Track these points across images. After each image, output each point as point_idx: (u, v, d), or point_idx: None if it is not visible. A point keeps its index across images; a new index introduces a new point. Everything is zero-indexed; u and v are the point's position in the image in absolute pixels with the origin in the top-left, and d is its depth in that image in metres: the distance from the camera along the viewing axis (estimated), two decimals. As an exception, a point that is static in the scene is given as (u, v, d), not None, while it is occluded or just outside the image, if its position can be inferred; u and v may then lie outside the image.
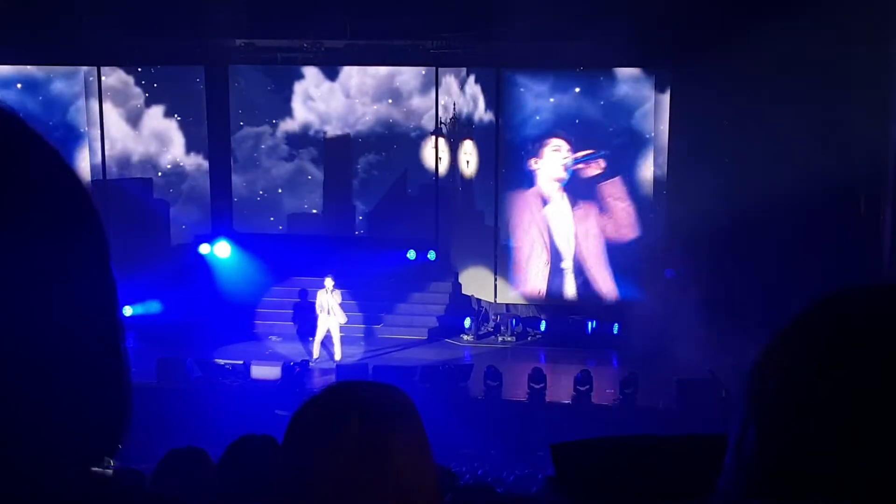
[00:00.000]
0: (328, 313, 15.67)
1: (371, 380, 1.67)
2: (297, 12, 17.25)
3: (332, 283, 15.80)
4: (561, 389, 14.07)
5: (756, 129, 15.25)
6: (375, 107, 18.95)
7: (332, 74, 19.08)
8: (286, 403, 11.97)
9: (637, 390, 13.68)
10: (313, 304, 16.04)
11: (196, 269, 18.32)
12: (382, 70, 18.69)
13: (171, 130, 19.11)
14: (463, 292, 18.64)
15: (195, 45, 18.25)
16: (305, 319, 16.79)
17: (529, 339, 17.35)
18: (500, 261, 17.92)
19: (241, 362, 14.81)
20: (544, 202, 17.43)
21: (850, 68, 14.23)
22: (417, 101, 18.79)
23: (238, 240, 19.12)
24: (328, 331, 15.76)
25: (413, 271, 18.59)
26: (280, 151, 19.47)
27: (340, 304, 15.79)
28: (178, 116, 19.09)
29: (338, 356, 15.76)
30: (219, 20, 17.59)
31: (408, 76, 18.76)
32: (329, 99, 19.15)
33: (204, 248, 18.84)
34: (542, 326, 17.34)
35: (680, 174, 16.63)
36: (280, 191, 19.54)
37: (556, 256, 17.57)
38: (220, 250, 18.75)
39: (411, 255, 18.52)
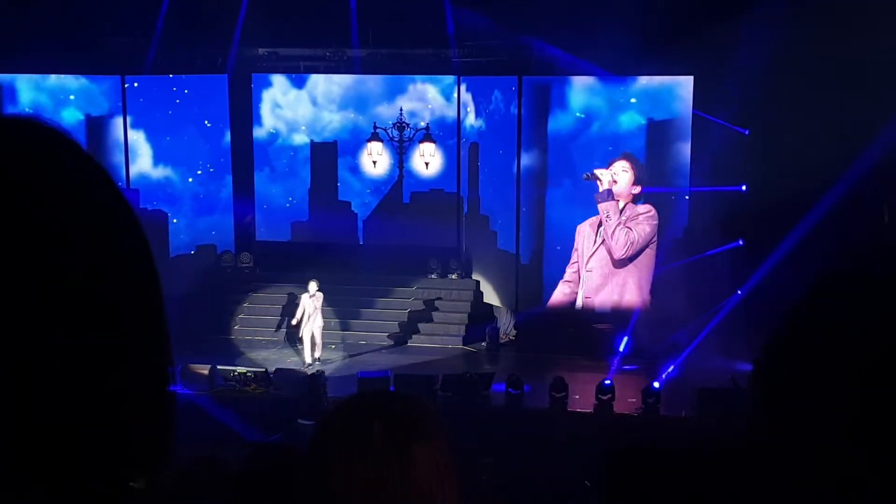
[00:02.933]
0: (309, 317, 15.98)
1: (393, 388, 1.69)
2: (321, 21, 17.38)
3: (316, 286, 16.01)
4: (583, 398, 14.02)
5: (776, 136, 15.19)
6: (341, 114, 19.09)
7: (299, 82, 19.20)
8: (309, 412, 12.01)
9: (659, 399, 13.61)
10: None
11: (205, 277, 18.40)
12: (348, 78, 18.86)
13: (139, 143, 19.01)
14: (484, 300, 18.65)
15: (218, 54, 18.42)
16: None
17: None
18: (522, 268, 17.92)
19: (264, 370, 14.85)
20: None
21: (871, 72, 14.15)
22: (382, 108, 18.91)
23: (258, 248, 19.28)
24: (311, 334, 16.08)
25: (433, 280, 18.63)
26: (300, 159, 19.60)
27: (322, 308, 16.11)
28: (201, 123, 19.18)
29: (318, 354, 16.07)
30: (243, 29, 17.77)
31: (373, 83, 18.87)
32: (296, 106, 19.26)
33: (227, 257, 18.99)
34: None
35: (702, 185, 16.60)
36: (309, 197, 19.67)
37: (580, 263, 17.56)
38: (244, 259, 18.93)
39: (433, 264, 18.55)
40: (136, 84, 18.78)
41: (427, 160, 18.80)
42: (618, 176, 15.47)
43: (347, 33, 17.93)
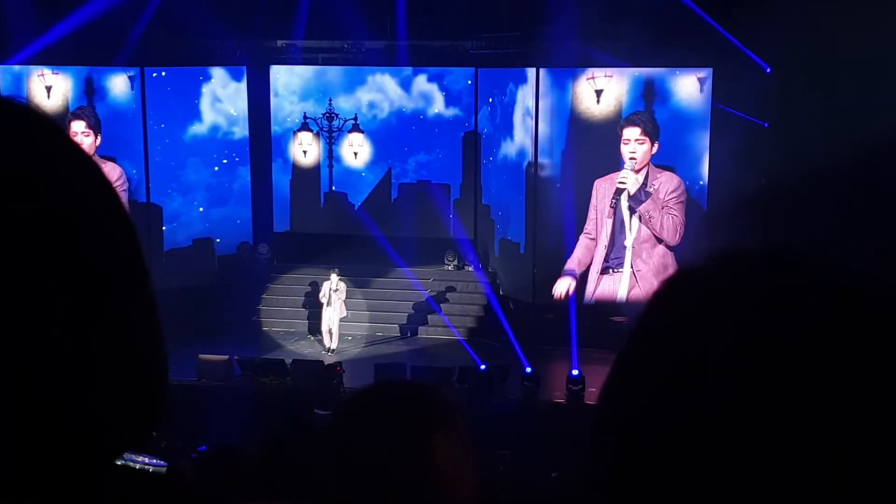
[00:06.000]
0: (329, 305, 16.42)
1: (410, 380, 1.69)
2: (339, 12, 17.40)
3: (337, 276, 16.37)
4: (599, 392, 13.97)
5: (796, 129, 15.08)
6: (302, 105, 19.20)
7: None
8: (325, 403, 12.05)
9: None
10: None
11: (216, 270, 18.50)
12: (309, 69, 18.99)
13: (157, 132, 18.60)
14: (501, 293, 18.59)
15: (236, 45, 18.46)
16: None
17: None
18: (539, 258, 17.84)
19: (282, 360, 14.91)
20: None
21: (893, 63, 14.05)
22: (343, 100, 19.02)
23: (277, 240, 19.36)
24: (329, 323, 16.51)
25: (449, 271, 18.62)
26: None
27: (345, 299, 16.50)
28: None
29: (334, 345, 16.45)
30: (261, 21, 17.80)
31: (334, 74, 18.95)
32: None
33: (244, 249, 19.08)
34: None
35: (719, 181, 16.52)
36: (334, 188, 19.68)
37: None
38: (261, 250, 19.02)
39: (450, 256, 18.54)
40: (163, 73, 18.68)
41: (356, 150, 19.12)
42: (636, 153, 15.27)
43: (366, 25, 17.91)
